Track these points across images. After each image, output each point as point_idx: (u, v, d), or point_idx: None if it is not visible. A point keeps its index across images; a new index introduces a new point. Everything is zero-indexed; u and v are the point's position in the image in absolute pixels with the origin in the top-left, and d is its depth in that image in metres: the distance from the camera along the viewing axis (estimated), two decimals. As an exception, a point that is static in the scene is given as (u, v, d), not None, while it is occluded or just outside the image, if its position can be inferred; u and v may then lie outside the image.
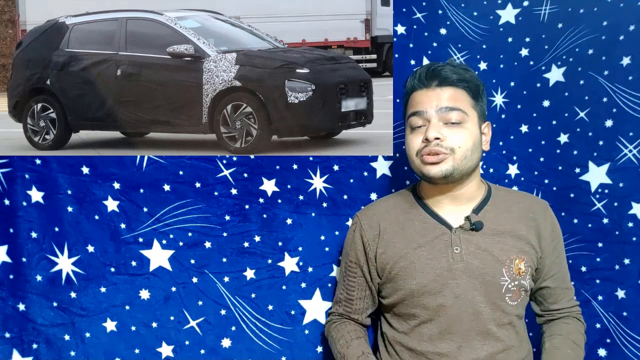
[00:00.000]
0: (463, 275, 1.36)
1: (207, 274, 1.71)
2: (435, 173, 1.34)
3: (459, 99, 1.36)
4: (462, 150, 1.34)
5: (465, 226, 1.39)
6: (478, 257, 1.36)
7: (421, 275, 1.37)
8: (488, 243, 1.37)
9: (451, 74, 1.36)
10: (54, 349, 1.68)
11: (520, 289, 1.38)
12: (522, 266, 1.37)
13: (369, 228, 1.48)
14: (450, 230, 1.39)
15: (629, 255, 1.67)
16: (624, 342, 1.68)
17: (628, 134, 1.65)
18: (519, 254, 1.38)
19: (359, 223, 1.51)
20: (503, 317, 1.37)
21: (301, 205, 1.73)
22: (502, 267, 1.36)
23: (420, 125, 1.37)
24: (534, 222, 1.43)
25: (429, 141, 1.33)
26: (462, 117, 1.35)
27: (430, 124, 1.35)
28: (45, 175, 1.67)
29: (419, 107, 1.37)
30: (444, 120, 1.35)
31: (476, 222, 1.38)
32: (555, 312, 1.48)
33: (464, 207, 1.42)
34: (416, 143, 1.37)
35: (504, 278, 1.36)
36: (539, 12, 1.72)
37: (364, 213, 1.54)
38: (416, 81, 1.39)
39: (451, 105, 1.35)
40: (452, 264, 1.36)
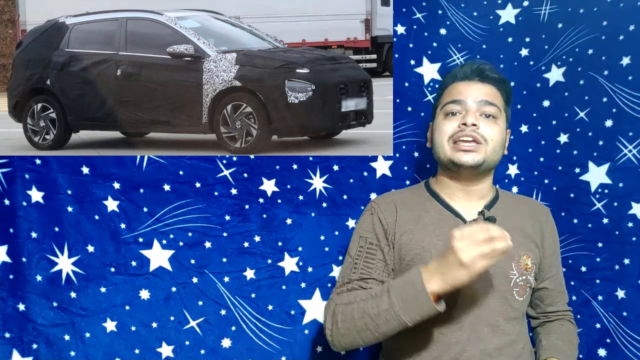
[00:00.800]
0: None
1: (207, 274, 1.71)
2: (467, 160, 1.37)
3: (496, 97, 1.43)
4: (494, 143, 1.39)
5: (479, 219, 1.40)
6: None
7: None
8: None
9: (493, 74, 1.44)
10: (54, 349, 1.68)
11: (526, 284, 1.41)
12: (529, 262, 1.41)
13: (387, 211, 1.46)
14: (464, 223, 1.41)
15: (629, 255, 1.67)
16: (624, 342, 1.68)
17: (628, 134, 1.65)
18: (526, 251, 1.42)
19: (377, 207, 1.48)
20: (510, 312, 1.39)
21: (301, 205, 1.73)
22: (512, 262, 1.39)
23: (455, 112, 1.41)
24: (539, 223, 1.47)
25: (465, 126, 1.37)
26: (497, 113, 1.41)
27: (469, 112, 1.39)
28: (45, 175, 1.67)
29: (459, 96, 1.41)
30: (480, 112, 1.39)
31: (490, 216, 1.40)
32: (550, 315, 1.52)
33: (475, 204, 1.44)
34: (450, 128, 1.40)
35: (513, 272, 1.39)
36: (539, 12, 1.72)
37: (380, 199, 1.52)
38: (460, 73, 1.45)
39: (490, 100, 1.40)
40: None
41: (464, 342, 1.36)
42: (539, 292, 1.50)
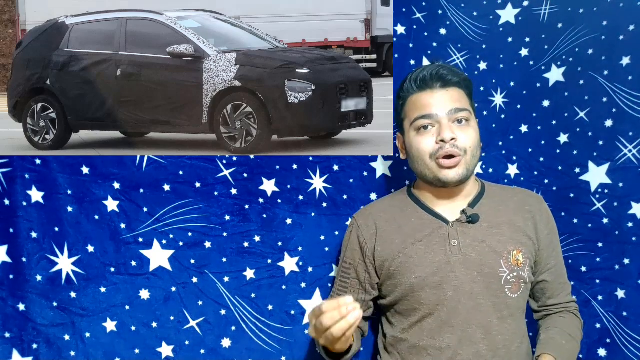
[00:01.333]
0: (462, 268, 1.37)
1: (207, 274, 1.71)
2: (453, 177, 1.36)
3: (462, 99, 1.40)
4: (472, 149, 1.38)
5: (462, 219, 1.41)
6: (476, 250, 1.38)
7: (420, 269, 1.38)
8: (485, 235, 1.39)
9: (452, 76, 1.39)
10: (54, 349, 1.68)
11: (519, 280, 1.38)
12: (520, 257, 1.39)
13: (365, 227, 1.49)
14: (447, 224, 1.41)
15: (629, 255, 1.67)
16: (624, 342, 1.67)
17: (628, 134, 1.65)
18: (517, 245, 1.39)
19: (356, 224, 1.52)
20: (504, 310, 1.38)
21: (301, 205, 1.73)
22: (500, 259, 1.37)
23: (427, 126, 1.38)
24: (530, 214, 1.45)
25: (444, 142, 1.35)
26: (468, 115, 1.39)
27: (442, 125, 1.36)
28: (45, 175, 1.67)
29: (427, 110, 1.38)
30: (452, 120, 1.37)
31: (472, 214, 1.40)
32: (552, 307, 1.49)
33: (459, 203, 1.44)
34: (428, 145, 1.37)
35: (503, 269, 1.37)
36: (539, 12, 1.72)
37: (360, 214, 1.56)
38: (419, 83, 1.40)
39: (459, 106, 1.38)
40: (450, 257, 1.37)
41: (455, 346, 1.35)
42: (539, 285, 1.48)
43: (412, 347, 1.40)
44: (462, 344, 1.35)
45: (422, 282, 1.37)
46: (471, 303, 1.36)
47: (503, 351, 1.36)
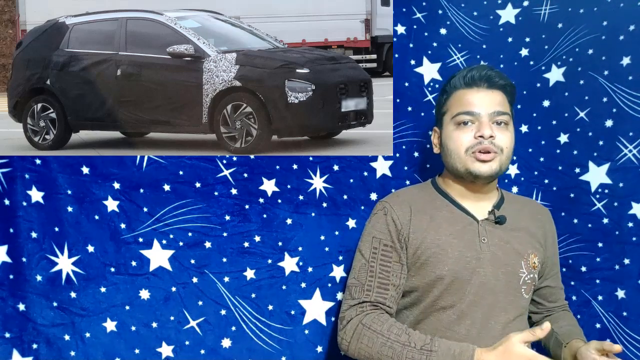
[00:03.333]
0: (489, 265, 1.40)
1: (207, 274, 1.71)
2: (486, 171, 1.39)
3: (505, 103, 1.44)
4: (508, 151, 1.41)
5: (490, 218, 1.45)
6: (502, 249, 1.42)
7: (453, 262, 1.40)
8: (509, 237, 1.44)
9: (499, 79, 1.43)
10: (54, 349, 1.68)
11: (532, 282, 1.45)
12: (536, 261, 1.45)
13: (400, 211, 1.45)
14: (477, 222, 1.44)
15: (629, 255, 1.67)
16: (624, 342, 1.67)
17: (628, 134, 1.65)
18: (534, 250, 1.45)
19: (390, 207, 1.46)
20: (519, 309, 1.43)
21: (301, 205, 1.73)
22: (522, 260, 1.42)
23: (468, 122, 1.41)
24: (541, 222, 1.52)
25: (482, 138, 1.38)
26: (508, 119, 1.42)
27: (483, 123, 1.39)
28: (45, 175, 1.67)
29: (470, 108, 1.41)
30: (493, 121, 1.40)
31: (500, 215, 1.45)
32: (553, 309, 1.57)
33: (483, 204, 1.47)
34: (466, 139, 1.40)
35: (522, 270, 1.42)
36: (539, 12, 1.72)
37: (392, 199, 1.51)
38: (467, 79, 1.43)
39: (501, 110, 1.41)
40: (479, 253, 1.41)
41: (474, 337, 1.36)
42: (542, 290, 1.54)
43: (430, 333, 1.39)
44: (481, 337, 1.37)
45: (452, 275, 1.39)
46: (491, 298, 1.39)
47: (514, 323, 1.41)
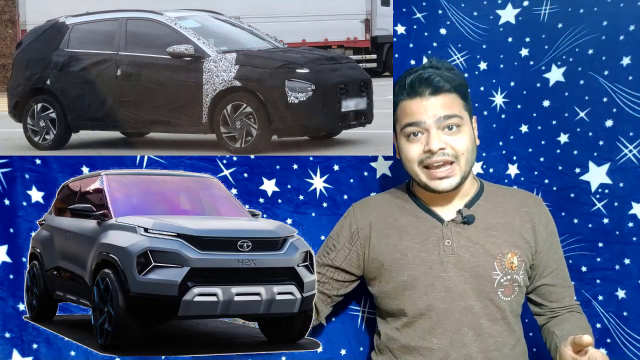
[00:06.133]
0: (454, 269, 1.37)
1: (207, 274, 1.71)
2: (445, 187, 1.36)
3: (454, 105, 1.37)
4: (465, 155, 1.36)
5: (457, 219, 1.40)
6: (469, 251, 1.38)
7: (413, 267, 1.38)
8: (480, 236, 1.39)
9: (443, 82, 1.35)
10: (54, 349, 1.68)
11: (513, 283, 1.38)
12: (514, 260, 1.38)
13: (361, 216, 1.49)
14: (441, 224, 1.40)
15: (629, 255, 1.67)
16: (624, 342, 1.67)
17: (628, 134, 1.65)
18: (512, 248, 1.39)
19: (352, 211, 1.54)
20: (496, 313, 1.37)
21: (301, 205, 1.73)
22: (494, 261, 1.37)
23: (417, 133, 1.37)
24: (528, 216, 1.44)
25: (432, 152, 1.33)
26: (460, 121, 1.36)
27: (431, 134, 1.34)
28: (45, 175, 1.67)
29: (415, 118, 1.36)
30: (442, 127, 1.35)
31: (467, 215, 1.40)
32: (557, 310, 1.48)
33: (456, 203, 1.44)
34: (416, 153, 1.37)
35: (496, 272, 1.37)
36: (539, 12, 1.72)
37: (359, 202, 1.57)
38: (407, 90, 1.37)
39: (448, 113, 1.35)
40: (442, 257, 1.38)
41: (446, 347, 1.35)
42: (540, 289, 1.47)
43: (404, 346, 1.40)
44: (453, 346, 1.35)
45: (414, 281, 1.38)
46: (462, 304, 1.36)
47: (495, 353, 1.36)
